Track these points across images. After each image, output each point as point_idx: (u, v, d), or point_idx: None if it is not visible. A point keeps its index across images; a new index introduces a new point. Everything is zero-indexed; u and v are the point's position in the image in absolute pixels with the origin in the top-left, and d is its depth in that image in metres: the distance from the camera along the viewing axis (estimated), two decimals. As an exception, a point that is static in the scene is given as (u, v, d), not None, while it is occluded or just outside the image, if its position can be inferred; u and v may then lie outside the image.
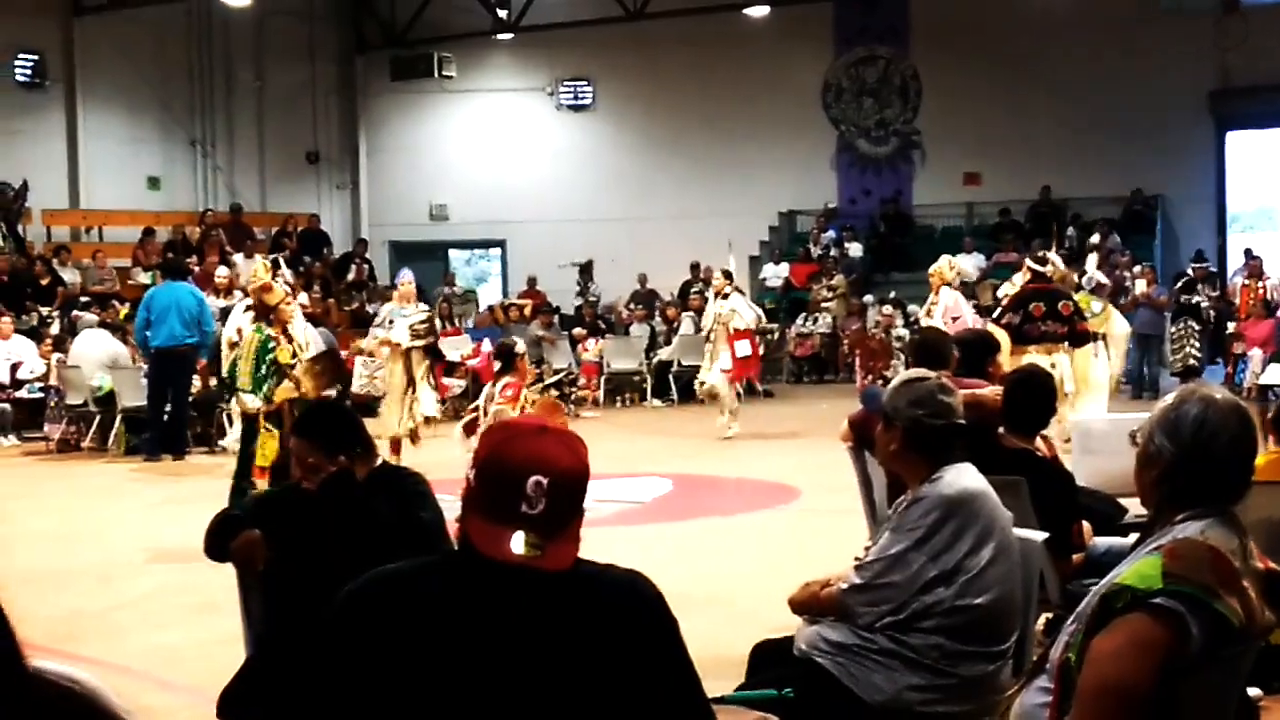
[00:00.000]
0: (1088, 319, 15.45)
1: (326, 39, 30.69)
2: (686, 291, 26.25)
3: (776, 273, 28.56)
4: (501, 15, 28.91)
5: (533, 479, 2.78)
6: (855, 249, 28.44)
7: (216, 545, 5.15)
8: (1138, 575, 3.13)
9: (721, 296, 18.09)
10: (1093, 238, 22.36)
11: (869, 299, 26.17)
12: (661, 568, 3.06)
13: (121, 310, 21.02)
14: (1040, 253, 15.66)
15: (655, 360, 24.08)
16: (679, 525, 12.31)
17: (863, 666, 4.68)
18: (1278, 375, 20.59)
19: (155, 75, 27.61)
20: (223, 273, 20.29)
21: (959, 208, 28.91)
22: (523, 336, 24.27)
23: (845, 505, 9.05)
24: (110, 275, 24.77)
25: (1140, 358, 21.76)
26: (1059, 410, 9.41)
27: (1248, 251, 24.40)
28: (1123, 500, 7.34)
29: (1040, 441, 6.85)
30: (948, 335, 8.62)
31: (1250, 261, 23.40)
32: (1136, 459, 3.41)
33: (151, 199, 27.71)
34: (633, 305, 27.23)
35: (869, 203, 29.47)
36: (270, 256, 22.49)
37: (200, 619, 8.43)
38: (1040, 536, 5.18)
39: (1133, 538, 6.49)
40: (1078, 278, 16.93)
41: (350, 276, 28.04)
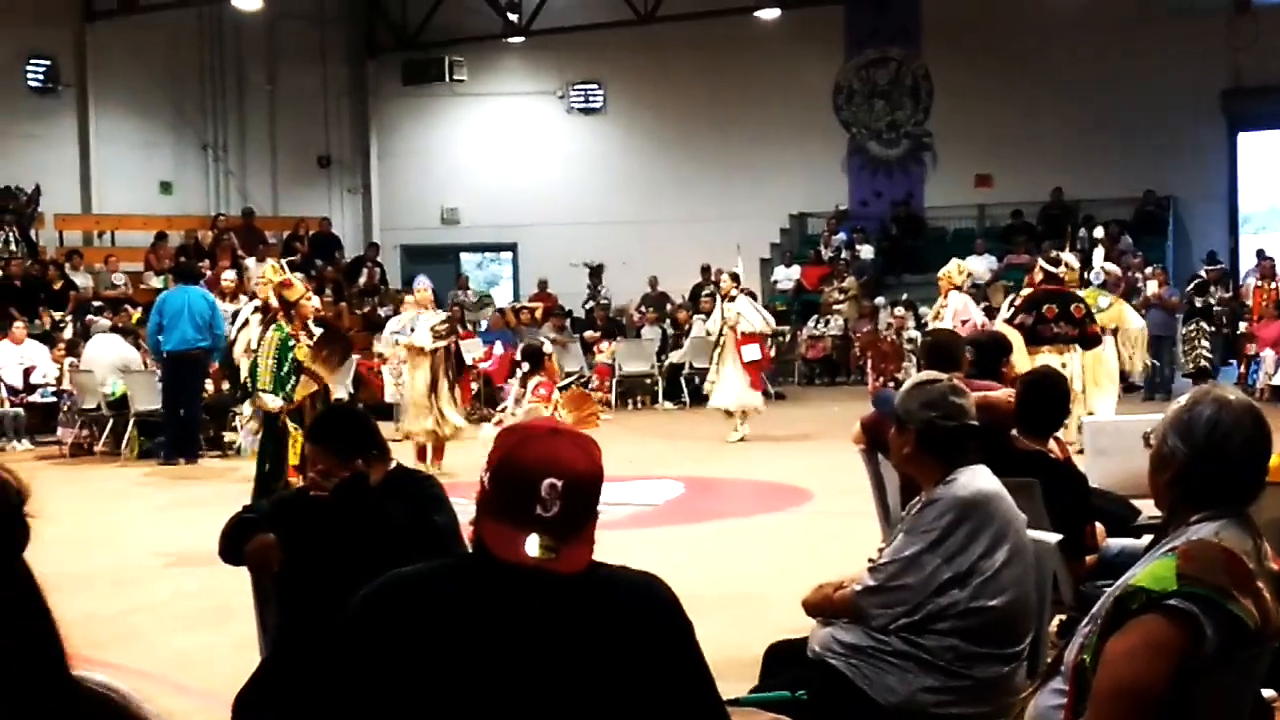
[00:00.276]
0: (1097, 319, 15.48)
1: (338, 42, 30.73)
2: (697, 294, 26.24)
3: (788, 275, 28.55)
4: (512, 19, 28.95)
5: (547, 481, 2.78)
6: (866, 251, 28.42)
7: (231, 548, 5.16)
8: (1152, 577, 3.13)
9: (728, 300, 18.06)
10: (1097, 231, 22.33)
11: (880, 301, 26.15)
12: (674, 570, 3.07)
13: (134, 314, 21.06)
14: (1053, 253, 15.65)
15: (667, 363, 24.09)
16: (691, 528, 12.31)
17: (877, 668, 4.68)
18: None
19: (167, 79, 27.66)
20: (229, 277, 20.29)
21: (970, 210, 28.88)
22: (534, 340, 24.38)
23: (857, 508, 9.06)
24: (122, 280, 24.81)
25: (1152, 359, 21.72)
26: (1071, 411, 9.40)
27: (1260, 252, 24.37)
28: (1136, 501, 7.34)
29: (1053, 443, 6.85)
30: (959, 337, 8.61)
31: (1262, 262, 23.35)
32: (1150, 460, 3.41)
33: (163, 203, 27.75)
34: (644, 308, 27.24)
35: (880, 205, 29.46)
36: (283, 259, 22.63)
37: (215, 622, 8.44)
38: (1054, 538, 5.18)
39: (1146, 539, 6.50)
40: (1085, 273, 16.86)
41: (362, 280, 28.07)
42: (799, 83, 28.93)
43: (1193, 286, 22.11)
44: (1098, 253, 18.38)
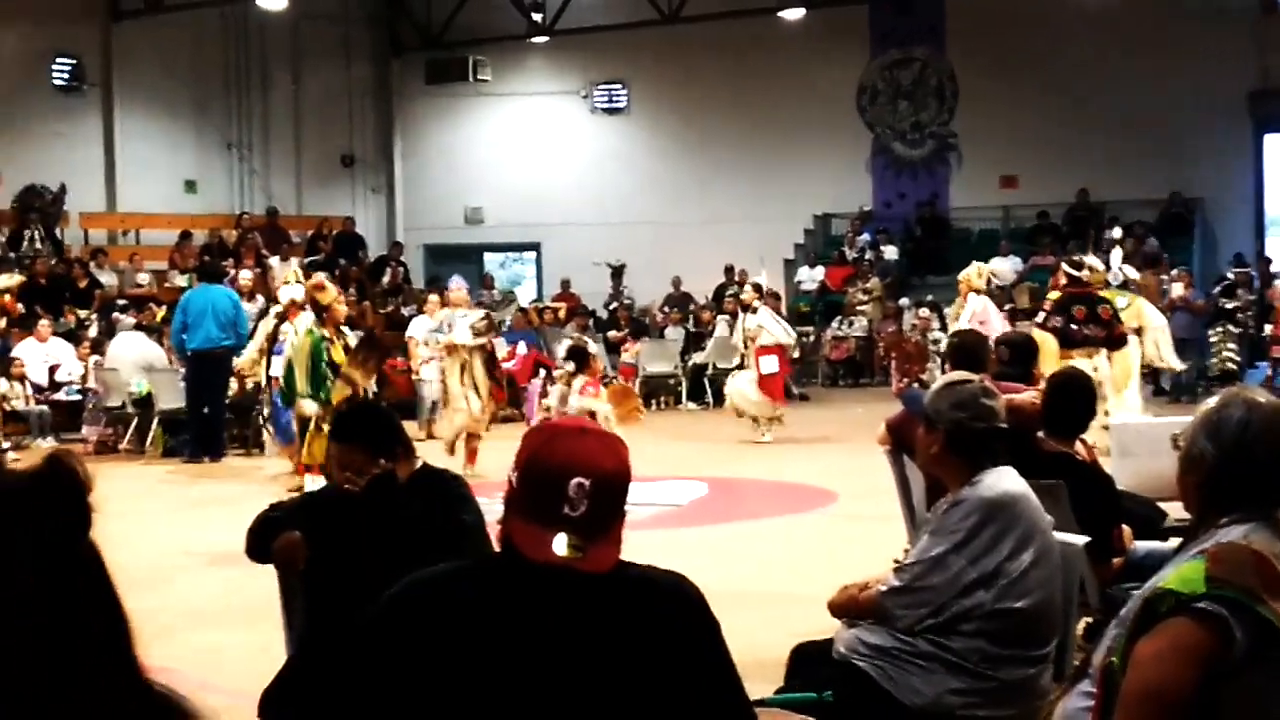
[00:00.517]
0: (1122, 313, 15.49)
1: (362, 42, 30.77)
2: (721, 295, 26.22)
3: (812, 276, 28.53)
4: (536, 19, 28.97)
5: (574, 480, 2.78)
6: (891, 252, 28.38)
7: (258, 546, 5.17)
8: (1181, 579, 3.11)
9: (750, 311, 18.07)
10: (1114, 232, 22.31)
11: (904, 302, 26.11)
12: (697, 571, 3.06)
13: (159, 313, 21.12)
14: (1076, 256, 15.64)
15: (690, 363, 24.08)
16: (715, 529, 12.31)
17: (902, 670, 4.67)
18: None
19: (192, 78, 27.73)
20: (246, 276, 20.28)
21: (995, 211, 28.81)
22: (558, 340, 24.37)
23: (882, 509, 9.05)
24: (147, 278, 24.89)
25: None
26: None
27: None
28: (1163, 504, 7.31)
29: (1080, 445, 6.82)
30: (985, 339, 8.60)
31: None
32: (1179, 462, 3.39)
33: (188, 202, 27.83)
34: (667, 309, 27.25)
35: (904, 206, 29.41)
36: (308, 259, 22.69)
37: (241, 621, 8.46)
38: (1081, 540, 5.16)
39: (1173, 542, 6.49)
40: (1104, 272, 16.84)
41: (385, 280, 28.10)
42: (823, 83, 28.89)
43: (1220, 289, 22.02)
44: (1115, 254, 18.33)
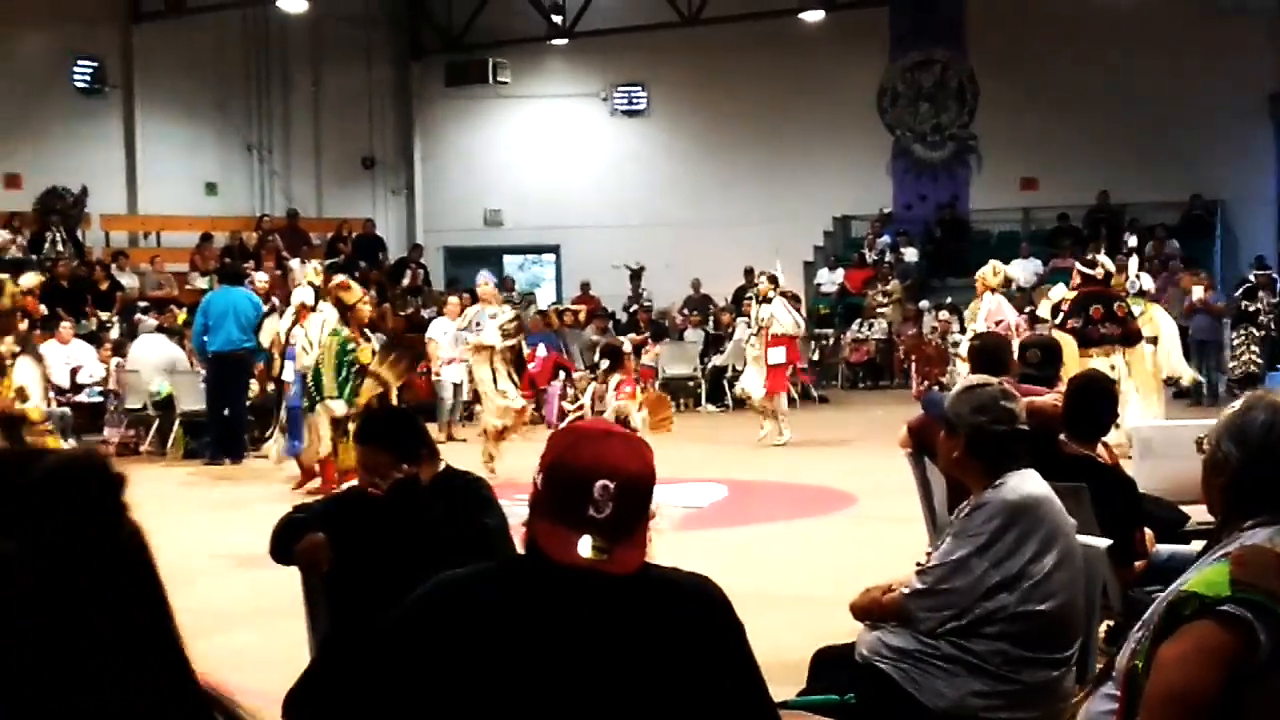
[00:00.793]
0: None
1: (382, 44, 30.81)
2: (740, 297, 26.21)
3: (831, 278, 28.52)
4: (556, 21, 29.00)
5: (600, 483, 2.79)
6: (911, 254, 28.36)
7: (282, 548, 5.20)
8: (1205, 582, 3.11)
9: (765, 301, 18.11)
10: (1131, 240, 22.32)
11: (924, 304, 26.09)
12: (718, 573, 3.07)
13: (180, 315, 21.17)
14: (1089, 255, 15.66)
15: (709, 366, 24.08)
16: (735, 531, 12.30)
17: (925, 672, 4.67)
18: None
19: (212, 81, 27.79)
20: (262, 278, 20.24)
21: (1016, 213, 28.77)
22: (578, 342, 24.41)
23: (902, 512, 9.05)
24: (168, 280, 24.95)
25: (1198, 365, 21.59)
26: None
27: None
28: (1185, 507, 7.30)
29: (1102, 448, 6.81)
30: (1007, 341, 8.60)
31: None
32: (1203, 465, 3.39)
33: (208, 204, 27.87)
34: (687, 311, 27.25)
35: (925, 208, 29.37)
36: (327, 261, 22.72)
37: (263, 622, 8.47)
38: (1104, 543, 5.16)
39: (1195, 545, 6.48)
40: (1124, 280, 16.85)
41: (405, 282, 28.15)
42: (843, 85, 28.86)
43: (1241, 291, 21.95)
44: (1133, 263, 18.32)
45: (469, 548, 4.43)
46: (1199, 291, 22.24)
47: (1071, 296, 15.22)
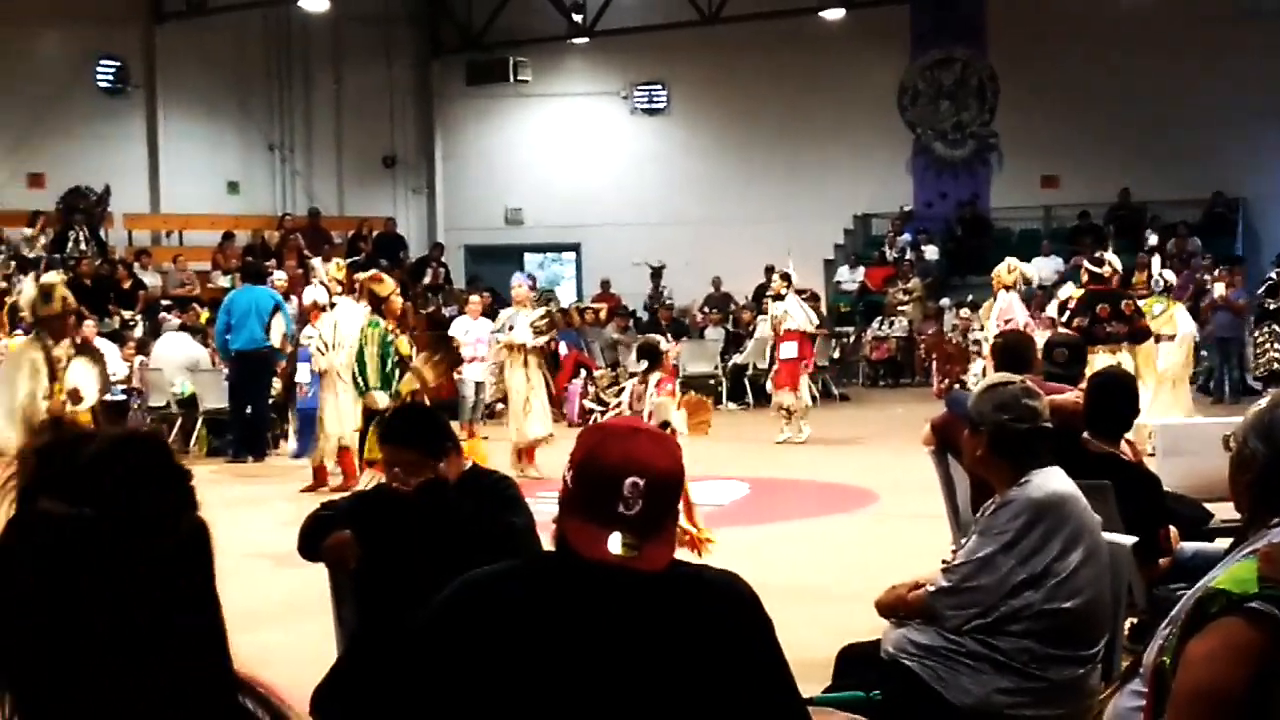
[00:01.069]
0: (1151, 320, 15.51)
1: (403, 43, 30.86)
2: (761, 295, 26.20)
3: (852, 277, 28.50)
4: (577, 20, 29.02)
5: (630, 480, 2.80)
6: (931, 252, 28.33)
7: (309, 545, 5.22)
8: (1233, 579, 3.11)
9: (777, 299, 18.20)
10: (1151, 239, 22.29)
11: (945, 302, 26.06)
12: (740, 570, 3.08)
13: (202, 314, 21.24)
14: (1096, 254, 15.68)
15: (730, 364, 24.08)
16: (758, 529, 12.30)
17: (951, 669, 4.68)
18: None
19: (234, 80, 27.89)
20: (280, 276, 20.25)
21: (1037, 211, 28.73)
22: (599, 340, 24.44)
23: (924, 509, 9.05)
24: (190, 279, 25.04)
25: (1220, 362, 21.54)
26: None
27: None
28: (1209, 505, 7.29)
29: (1125, 445, 6.81)
30: (1031, 338, 8.59)
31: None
32: (1230, 463, 3.39)
33: (230, 203, 27.97)
34: (707, 309, 27.26)
35: (945, 206, 29.33)
36: (349, 260, 22.75)
37: (291, 619, 8.51)
38: (1129, 541, 5.16)
39: (1219, 543, 6.48)
40: (1148, 280, 16.84)
41: (426, 280, 28.19)
42: (864, 83, 28.85)
43: (1264, 289, 21.87)
44: (1155, 261, 18.28)
45: (496, 546, 4.45)
46: (1220, 289, 22.18)
47: (1079, 295, 15.27)
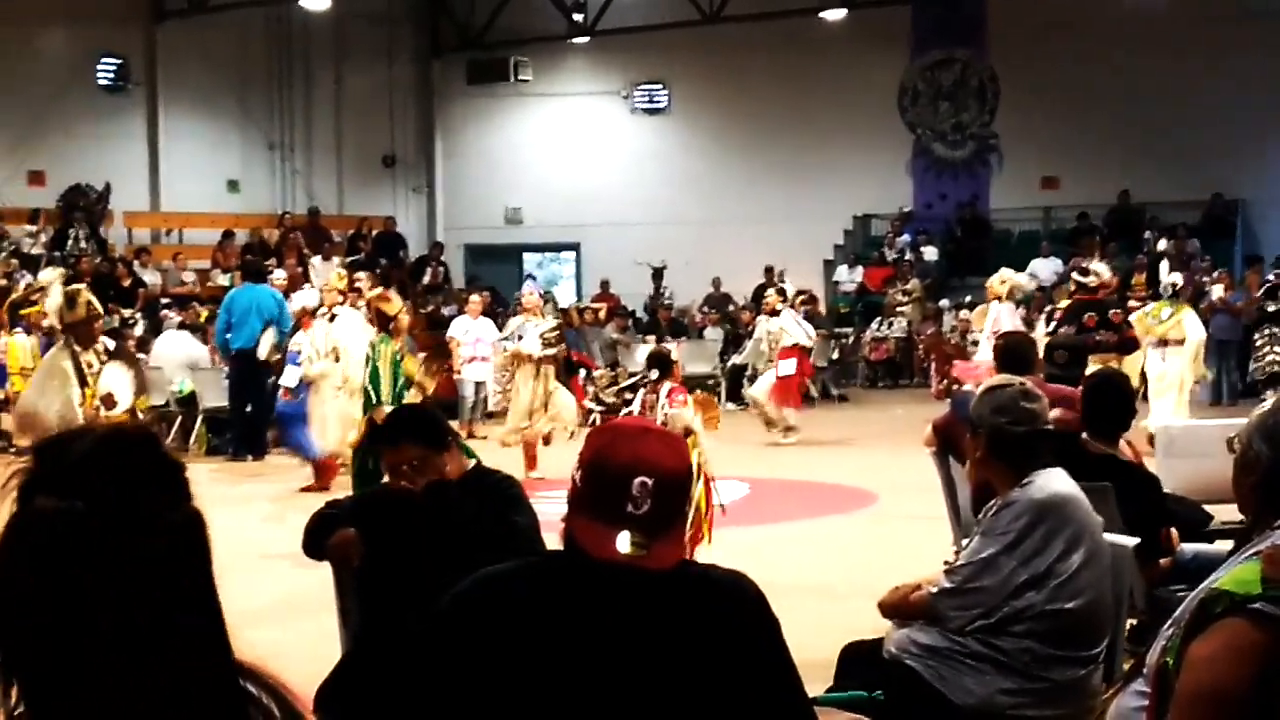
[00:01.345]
0: (1158, 324, 15.54)
1: (403, 42, 30.88)
2: (760, 295, 26.20)
3: (850, 276, 28.52)
4: (577, 19, 29.04)
5: (638, 479, 2.82)
6: (931, 253, 28.35)
7: (314, 543, 5.24)
8: (1236, 580, 3.12)
9: (772, 314, 18.19)
10: (1161, 243, 22.33)
11: (944, 303, 26.08)
12: (742, 570, 3.10)
13: (202, 312, 21.24)
14: (1083, 263, 15.73)
15: (729, 364, 24.10)
16: (758, 529, 12.29)
17: (954, 669, 4.70)
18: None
19: (235, 79, 27.90)
20: (280, 276, 20.22)
21: (1036, 212, 28.75)
22: (598, 340, 24.45)
23: (924, 510, 9.07)
24: (190, 277, 25.05)
25: (1218, 364, 21.54)
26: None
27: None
28: (1209, 507, 7.31)
29: (1125, 446, 6.83)
30: (1032, 340, 8.62)
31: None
32: (1234, 465, 3.41)
33: (230, 201, 27.98)
34: (706, 309, 27.27)
35: (945, 207, 29.35)
36: (349, 259, 22.78)
37: (293, 617, 8.52)
38: (1131, 542, 5.18)
39: (1219, 544, 6.50)
40: (1147, 283, 16.90)
41: (426, 279, 28.20)
42: (864, 84, 28.87)
43: (1263, 291, 21.88)
44: (1163, 265, 18.32)
45: (499, 546, 4.46)
46: (1219, 291, 22.20)
47: (1065, 304, 15.34)
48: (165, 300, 23.13)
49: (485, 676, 2.88)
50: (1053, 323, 15.05)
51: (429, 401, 11.17)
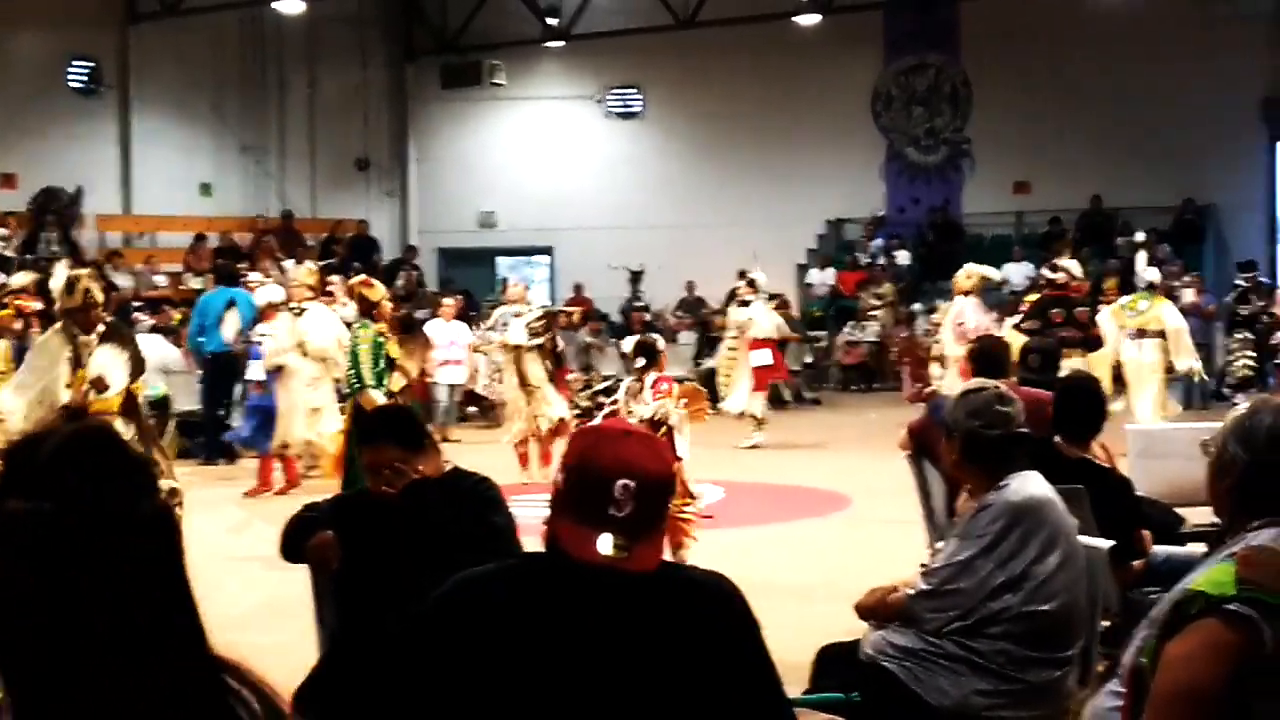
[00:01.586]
0: (1136, 316, 15.58)
1: (377, 46, 30.82)
2: (734, 299, 26.24)
3: (822, 279, 28.56)
4: (551, 23, 29.01)
5: (620, 482, 2.84)
6: (903, 257, 28.40)
7: (291, 546, 5.23)
8: (1211, 581, 3.16)
9: (742, 304, 18.22)
10: (1137, 235, 22.41)
11: (917, 307, 26.14)
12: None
13: (176, 315, 21.18)
14: (1053, 260, 15.79)
15: (703, 368, 24.11)
16: (734, 532, 12.32)
17: (930, 671, 4.73)
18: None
19: (208, 82, 27.80)
20: (255, 278, 20.20)
21: (1008, 216, 28.80)
22: (571, 343, 24.43)
23: (898, 513, 9.11)
24: (163, 280, 24.96)
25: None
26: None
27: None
28: (1180, 510, 7.36)
29: (1098, 449, 6.87)
30: (1006, 344, 8.65)
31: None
32: (1210, 467, 3.45)
33: (203, 205, 27.86)
34: (680, 313, 27.29)
35: (917, 211, 29.40)
36: (322, 262, 22.71)
37: (268, 621, 8.51)
38: (1106, 544, 5.21)
39: (1191, 547, 6.54)
40: (1119, 286, 16.93)
41: (400, 283, 28.14)
42: (838, 88, 28.91)
43: (1234, 296, 21.99)
44: (1140, 257, 18.34)
45: (477, 547, 4.47)
46: (1190, 295, 22.29)
47: (1033, 299, 15.41)
48: (138, 303, 23.03)
49: (467, 678, 2.89)
50: (1018, 315, 15.12)
51: (411, 392, 11.17)
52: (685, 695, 2.88)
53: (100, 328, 9.75)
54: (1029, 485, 4.81)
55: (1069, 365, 12.98)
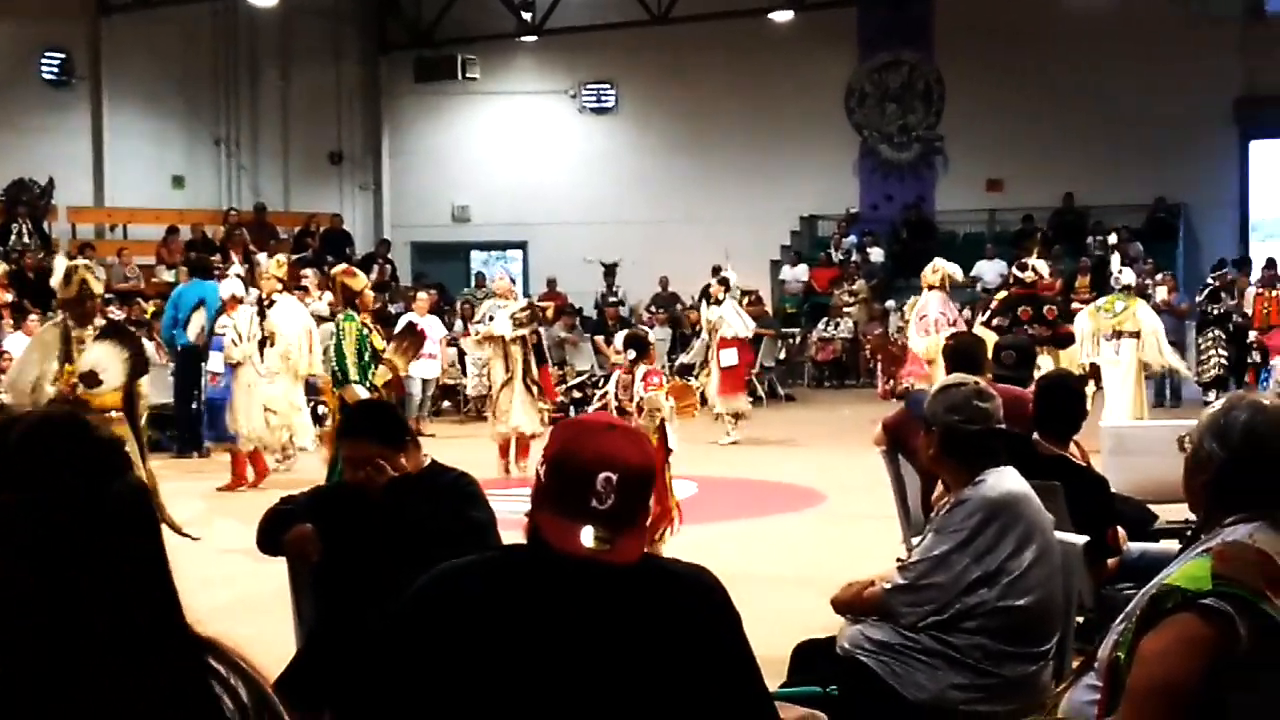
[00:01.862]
0: (1112, 317, 15.64)
1: (351, 39, 30.76)
2: (707, 295, 26.24)
3: (795, 275, 28.58)
4: (526, 18, 28.99)
5: (603, 475, 2.85)
6: (877, 254, 28.46)
7: (269, 538, 5.22)
8: (1187, 576, 3.18)
9: (715, 303, 18.23)
10: (1111, 237, 22.50)
11: (890, 304, 26.17)
12: (695, 567, 3.15)
13: (148, 308, 21.11)
14: (1022, 259, 15.84)
15: (677, 363, 24.12)
16: (708, 527, 12.32)
17: (906, 665, 4.75)
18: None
19: (181, 74, 27.71)
20: (236, 271, 20.16)
21: (981, 214, 28.90)
22: (546, 338, 24.41)
23: (872, 509, 9.15)
24: (134, 273, 24.86)
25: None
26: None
27: (1270, 260, 24.30)
28: (1154, 506, 7.40)
29: (1074, 447, 6.90)
30: (981, 341, 8.66)
31: (1266, 271, 23.21)
32: (1186, 463, 3.46)
33: (176, 197, 27.77)
34: (654, 308, 27.29)
35: (891, 208, 29.47)
36: (295, 256, 22.67)
37: (242, 614, 8.47)
38: (1081, 540, 5.24)
39: (1164, 543, 6.58)
40: (1090, 285, 17.01)
41: (373, 277, 28.07)
42: (811, 85, 28.95)
43: (1205, 295, 22.09)
44: (1114, 259, 18.41)
45: (456, 542, 4.47)
46: (1163, 293, 22.38)
47: (1001, 296, 15.48)
48: (109, 296, 22.92)
49: (449, 671, 2.90)
50: (987, 312, 15.16)
51: (396, 384, 11.15)
52: (667, 687, 2.89)
53: (100, 322, 9.69)
54: (1005, 480, 4.83)
55: (1040, 363, 13.05)
